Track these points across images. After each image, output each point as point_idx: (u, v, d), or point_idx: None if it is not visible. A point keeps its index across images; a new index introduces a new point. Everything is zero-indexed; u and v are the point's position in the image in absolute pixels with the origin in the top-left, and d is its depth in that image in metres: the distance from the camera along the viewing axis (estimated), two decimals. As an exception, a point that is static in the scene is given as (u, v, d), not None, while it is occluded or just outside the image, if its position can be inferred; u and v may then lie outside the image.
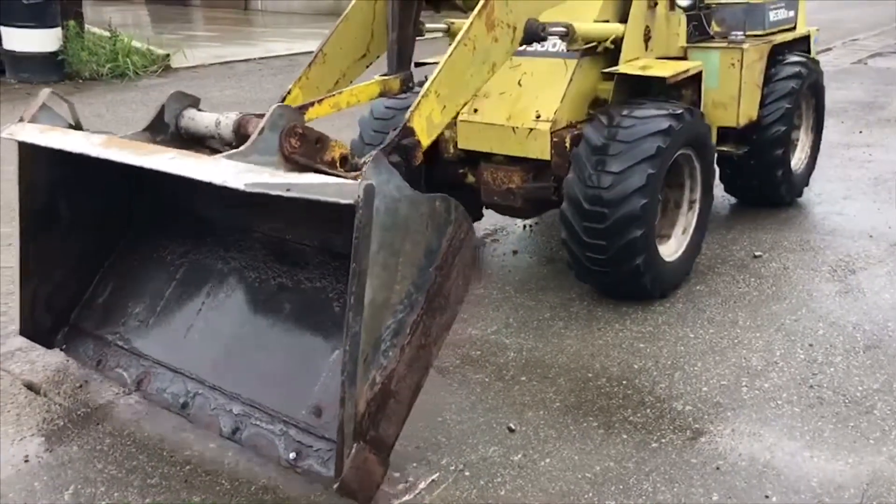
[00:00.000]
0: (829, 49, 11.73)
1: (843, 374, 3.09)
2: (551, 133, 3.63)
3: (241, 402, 2.55)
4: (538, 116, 3.64)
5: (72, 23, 8.98)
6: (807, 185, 5.17)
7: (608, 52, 3.81)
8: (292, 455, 2.34)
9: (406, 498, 2.44)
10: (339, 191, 2.10)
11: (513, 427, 2.78)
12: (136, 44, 9.69)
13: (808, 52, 5.15)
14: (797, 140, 5.05)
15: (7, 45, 8.68)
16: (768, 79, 4.59)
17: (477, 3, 3.04)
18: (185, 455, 2.64)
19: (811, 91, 4.99)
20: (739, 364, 3.18)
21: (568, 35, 3.43)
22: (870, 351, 3.26)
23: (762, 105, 4.56)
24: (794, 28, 5.06)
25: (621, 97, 3.80)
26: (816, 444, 2.67)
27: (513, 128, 3.67)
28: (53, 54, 8.80)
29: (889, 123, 7.38)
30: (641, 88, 3.84)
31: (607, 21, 3.84)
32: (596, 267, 3.56)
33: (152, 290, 3.02)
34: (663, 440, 2.71)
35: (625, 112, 3.57)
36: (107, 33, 9.69)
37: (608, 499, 2.42)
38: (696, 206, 3.94)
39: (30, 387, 3.06)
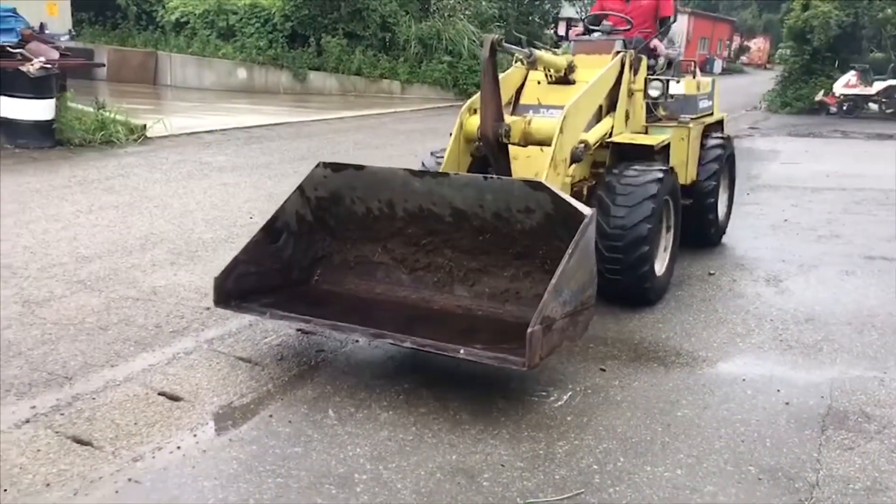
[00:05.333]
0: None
1: (797, 334, 4.72)
2: (572, 185, 5.08)
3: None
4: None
5: (67, 94, 9.81)
6: (726, 229, 6.84)
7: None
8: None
9: (559, 403, 3.76)
10: (583, 207, 3.67)
11: (604, 368, 4.18)
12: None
13: (722, 130, 6.86)
14: (720, 195, 6.60)
15: (5, 114, 9.38)
16: (702, 149, 6.21)
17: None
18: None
19: (729, 159, 6.70)
20: (731, 331, 4.75)
21: (587, 149, 4.95)
22: (809, 322, 4.93)
23: (699, 167, 6.13)
24: (713, 114, 6.77)
25: (614, 159, 5.31)
26: (795, 368, 4.24)
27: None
28: (48, 122, 9.57)
29: (766, 188, 9.51)
30: (628, 153, 5.30)
31: (601, 106, 5.31)
32: (613, 276, 4.76)
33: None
34: (698, 373, 4.18)
35: (629, 168, 5.02)
36: (79, 105, 10.54)
37: (678, 403, 3.85)
38: (671, 233, 5.36)
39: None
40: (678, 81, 6.00)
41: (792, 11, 22.56)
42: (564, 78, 5.32)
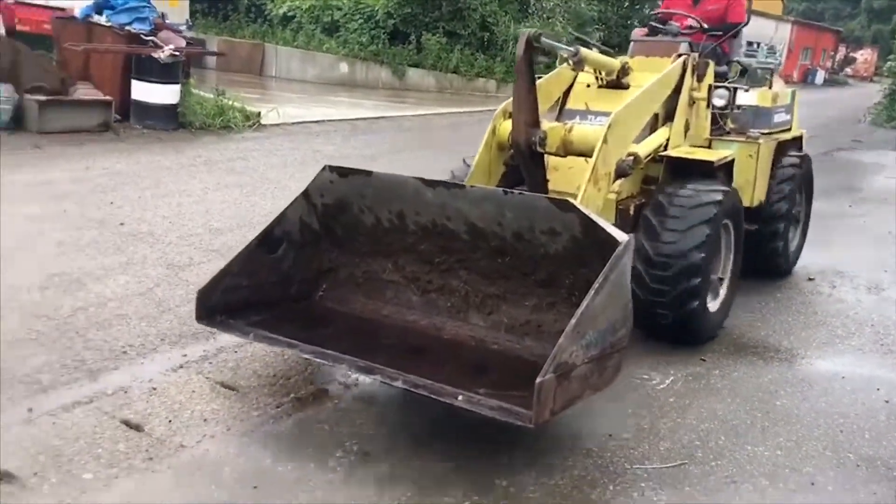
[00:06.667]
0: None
1: (898, 339, 4.81)
2: (617, 202, 4.49)
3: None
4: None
5: (191, 80, 10.47)
6: (797, 260, 6.07)
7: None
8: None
9: (661, 386, 3.98)
10: (617, 232, 3.12)
11: (704, 359, 4.36)
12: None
13: (801, 149, 6.03)
14: (792, 221, 5.79)
15: (136, 97, 10.09)
16: (774, 169, 5.45)
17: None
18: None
19: (804, 181, 5.89)
20: (830, 333, 4.87)
21: (636, 163, 4.31)
22: (910, 328, 5.00)
23: (769, 190, 5.40)
24: (791, 129, 5.97)
25: (668, 176, 4.61)
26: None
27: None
28: (174, 106, 10.24)
29: (870, 201, 9.40)
30: (685, 169, 4.56)
31: (657, 115, 4.71)
32: (658, 310, 4.16)
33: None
34: (797, 368, 4.32)
35: (683, 187, 4.35)
36: (199, 92, 11.23)
37: (777, 394, 4.01)
38: (731, 263, 4.69)
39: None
40: (747, 90, 5.31)
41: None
42: (617, 82, 4.76)
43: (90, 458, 2.99)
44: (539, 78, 4.39)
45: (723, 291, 4.65)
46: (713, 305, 4.51)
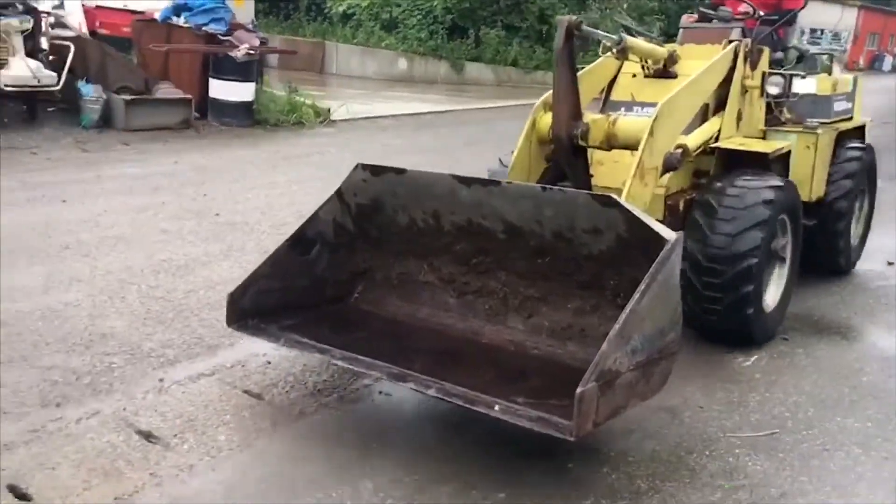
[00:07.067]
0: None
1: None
2: (666, 197, 4.23)
3: None
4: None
5: (266, 78, 10.85)
6: (859, 257, 5.77)
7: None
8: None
9: (746, 364, 4.10)
10: (664, 229, 2.95)
11: (787, 338, 4.46)
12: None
13: (863, 139, 5.64)
14: (854, 216, 5.52)
15: (213, 94, 10.50)
16: (834, 161, 5.15)
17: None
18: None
19: (867, 174, 5.55)
20: (911, 315, 4.93)
21: (685, 155, 4.07)
22: None
23: (829, 183, 5.09)
24: (852, 118, 5.61)
25: (720, 169, 4.43)
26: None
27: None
28: (249, 103, 10.62)
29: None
30: (738, 161, 4.37)
31: (707, 105, 4.46)
32: (710, 316, 4.00)
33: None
34: (881, 346, 4.40)
35: (734, 182, 4.11)
36: (271, 89, 11.62)
37: (863, 371, 4.09)
38: (787, 262, 4.45)
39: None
40: (804, 77, 4.95)
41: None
42: (665, 71, 4.55)
43: (220, 422, 3.26)
44: (581, 69, 4.18)
45: (780, 292, 4.41)
46: (770, 306, 4.31)
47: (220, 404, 3.41)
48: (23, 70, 8.57)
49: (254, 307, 3.50)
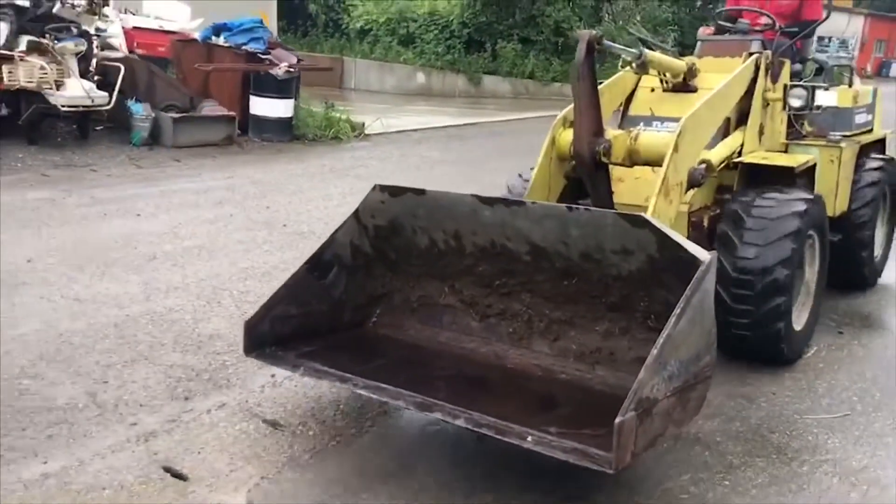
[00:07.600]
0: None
1: None
2: (689, 214, 4.18)
3: None
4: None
5: (304, 95, 11.20)
6: (882, 269, 5.73)
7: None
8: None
9: (808, 354, 4.37)
10: (698, 250, 2.88)
11: (842, 332, 4.75)
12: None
13: (884, 151, 5.64)
14: (877, 228, 5.50)
15: (254, 111, 10.85)
16: (857, 173, 5.11)
17: None
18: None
19: (890, 186, 5.50)
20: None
21: (709, 171, 4.04)
22: None
23: (851, 194, 5.07)
24: (872, 130, 5.60)
25: (743, 184, 4.38)
26: None
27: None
28: (289, 119, 10.97)
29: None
30: (762, 176, 4.33)
31: (728, 119, 4.42)
32: (739, 331, 3.89)
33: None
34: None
35: (763, 196, 4.06)
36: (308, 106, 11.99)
37: (922, 358, 4.39)
38: (815, 278, 4.41)
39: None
40: (827, 89, 4.92)
41: None
42: (684, 84, 4.50)
43: (337, 412, 3.55)
44: (600, 83, 4.09)
45: (808, 308, 4.36)
46: (798, 324, 4.22)
47: (330, 397, 3.70)
48: (78, 90, 8.92)
49: (272, 334, 3.45)
